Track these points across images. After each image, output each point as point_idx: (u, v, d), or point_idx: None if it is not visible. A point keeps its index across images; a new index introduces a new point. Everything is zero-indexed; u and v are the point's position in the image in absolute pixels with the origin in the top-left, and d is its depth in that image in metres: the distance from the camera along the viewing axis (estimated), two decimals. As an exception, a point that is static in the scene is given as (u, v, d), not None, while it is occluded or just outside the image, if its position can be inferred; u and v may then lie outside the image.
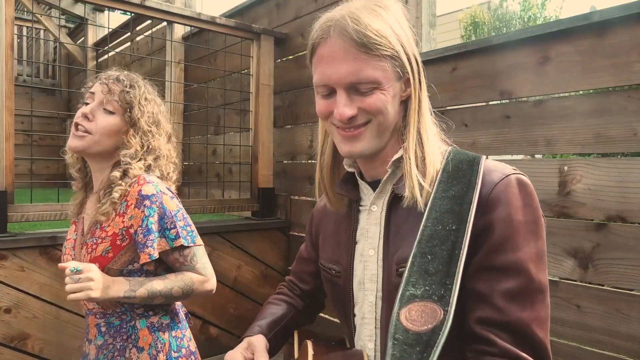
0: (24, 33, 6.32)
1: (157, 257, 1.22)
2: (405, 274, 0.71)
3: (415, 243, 0.73)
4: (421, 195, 0.77)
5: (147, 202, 1.22)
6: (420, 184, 0.78)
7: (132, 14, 3.16)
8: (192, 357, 1.35)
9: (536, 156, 2.08)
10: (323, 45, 0.79)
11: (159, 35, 4.08)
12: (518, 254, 0.72)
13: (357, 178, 0.90)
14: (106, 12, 4.91)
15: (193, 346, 1.37)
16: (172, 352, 1.29)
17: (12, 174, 2.08)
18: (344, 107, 0.77)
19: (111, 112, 1.26)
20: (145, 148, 1.29)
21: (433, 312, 0.66)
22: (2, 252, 2.00)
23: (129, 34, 4.54)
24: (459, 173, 0.78)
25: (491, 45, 1.96)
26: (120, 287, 1.18)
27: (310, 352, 0.84)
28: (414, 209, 0.78)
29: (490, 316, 0.71)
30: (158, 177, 1.32)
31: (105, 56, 5.21)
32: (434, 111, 0.88)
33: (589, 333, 1.66)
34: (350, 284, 0.89)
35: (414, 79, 0.81)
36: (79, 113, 1.26)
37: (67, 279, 1.11)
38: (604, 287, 1.64)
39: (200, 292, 1.28)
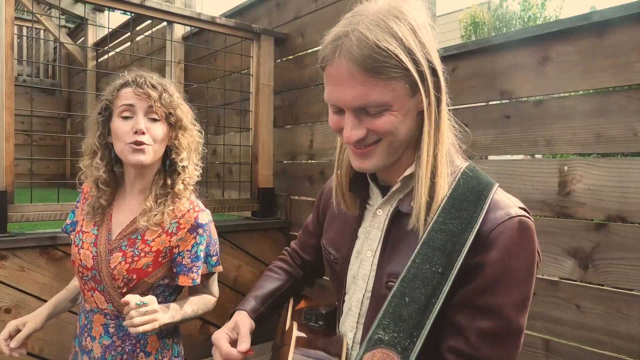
0: (24, 33, 6.32)
1: (198, 282, 1.29)
2: (380, 315, 0.73)
3: (399, 280, 0.74)
4: (424, 223, 0.77)
5: (200, 230, 1.28)
6: (426, 212, 0.77)
7: (132, 14, 3.16)
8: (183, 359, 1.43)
9: (536, 156, 2.08)
10: (330, 66, 0.76)
11: (159, 35, 4.09)
12: (503, 298, 0.73)
13: (369, 179, 0.91)
14: (106, 12, 4.91)
15: (182, 350, 1.45)
16: (173, 356, 1.35)
17: (12, 174, 2.08)
18: (351, 130, 0.76)
19: (156, 120, 1.24)
20: (192, 147, 1.31)
21: None
22: (2, 252, 2.00)
23: (129, 34, 4.54)
24: (464, 204, 0.76)
25: (491, 45, 1.96)
26: (168, 314, 1.21)
27: (295, 335, 0.89)
28: (416, 231, 0.79)
29: (461, 348, 0.74)
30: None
31: (105, 56, 5.21)
32: (454, 122, 0.85)
33: (589, 333, 1.66)
34: (345, 273, 0.93)
35: (427, 95, 0.76)
36: (127, 128, 1.21)
37: (133, 312, 1.10)
38: (604, 287, 1.64)
39: (204, 314, 1.37)
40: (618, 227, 1.61)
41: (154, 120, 1.24)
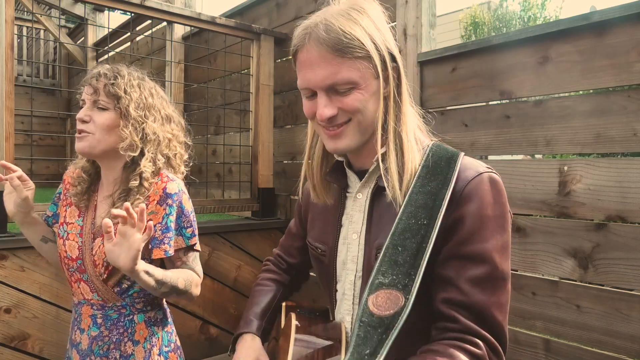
0: (24, 33, 6.32)
1: (173, 254, 1.25)
2: (377, 264, 0.78)
3: (389, 235, 0.80)
4: (400, 191, 0.83)
5: (169, 201, 1.25)
6: (399, 182, 0.84)
7: (132, 14, 3.16)
8: (179, 351, 1.40)
9: (536, 156, 2.08)
10: (301, 52, 0.85)
11: (159, 35, 4.08)
12: (485, 244, 0.79)
13: (346, 167, 0.97)
14: (106, 12, 4.91)
15: (178, 341, 1.42)
16: (164, 346, 1.33)
17: (12, 174, 2.08)
18: (323, 107, 0.83)
19: (104, 109, 1.25)
20: (140, 137, 1.26)
21: (396, 299, 0.74)
22: (2, 252, 2.00)
23: (129, 34, 4.54)
24: (437, 169, 0.84)
25: (491, 45, 1.96)
26: (155, 268, 1.16)
27: (294, 323, 0.92)
28: (394, 200, 0.85)
29: (454, 297, 0.78)
30: (165, 163, 1.31)
31: (105, 56, 5.21)
32: (414, 106, 0.92)
33: (589, 333, 1.66)
34: (334, 262, 0.97)
35: (386, 78, 0.85)
36: (77, 119, 1.26)
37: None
38: (604, 287, 1.64)
39: (190, 294, 1.27)
40: (618, 227, 1.61)
41: (103, 109, 1.25)
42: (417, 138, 0.89)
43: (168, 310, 1.41)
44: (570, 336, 1.71)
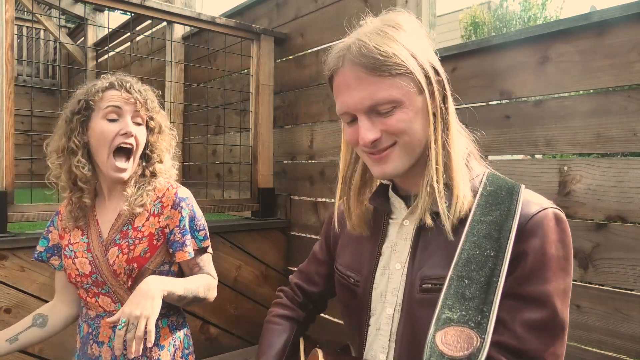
0: (24, 33, 6.32)
1: (193, 255, 1.28)
2: (442, 297, 0.72)
3: (452, 265, 0.74)
4: (448, 220, 0.78)
5: (183, 204, 1.29)
6: (445, 210, 0.78)
7: (132, 14, 3.16)
8: (194, 353, 1.41)
9: (536, 156, 2.08)
10: (337, 76, 0.81)
11: (159, 35, 4.08)
12: (547, 286, 0.72)
13: (391, 192, 0.91)
14: (106, 12, 4.91)
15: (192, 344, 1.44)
16: (185, 349, 1.35)
17: (12, 174, 2.08)
18: (366, 131, 0.78)
19: (139, 124, 1.28)
20: (169, 150, 1.36)
21: (469, 339, 0.67)
22: (2, 252, 2.00)
23: (129, 34, 4.54)
24: (498, 199, 0.78)
25: (491, 45, 1.96)
26: (175, 283, 1.19)
27: (321, 358, 0.85)
28: (445, 227, 0.79)
29: (507, 342, 0.71)
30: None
31: (105, 56, 5.21)
32: (464, 127, 0.88)
33: (589, 333, 1.66)
34: (369, 294, 0.89)
35: (432, 94, 0.79)
36: (114, 130, 1.22)
37: (119, 338, 1.03)
38: (604, 287, 1.64)
39: (209, 298, 1.31)
40: (618, 227, 1.61)
41: (139, 124, 1.27)
42: (467, 162, 0.84)
43: (185, 315, 1.41)
44: (571, 336, 1.70)
